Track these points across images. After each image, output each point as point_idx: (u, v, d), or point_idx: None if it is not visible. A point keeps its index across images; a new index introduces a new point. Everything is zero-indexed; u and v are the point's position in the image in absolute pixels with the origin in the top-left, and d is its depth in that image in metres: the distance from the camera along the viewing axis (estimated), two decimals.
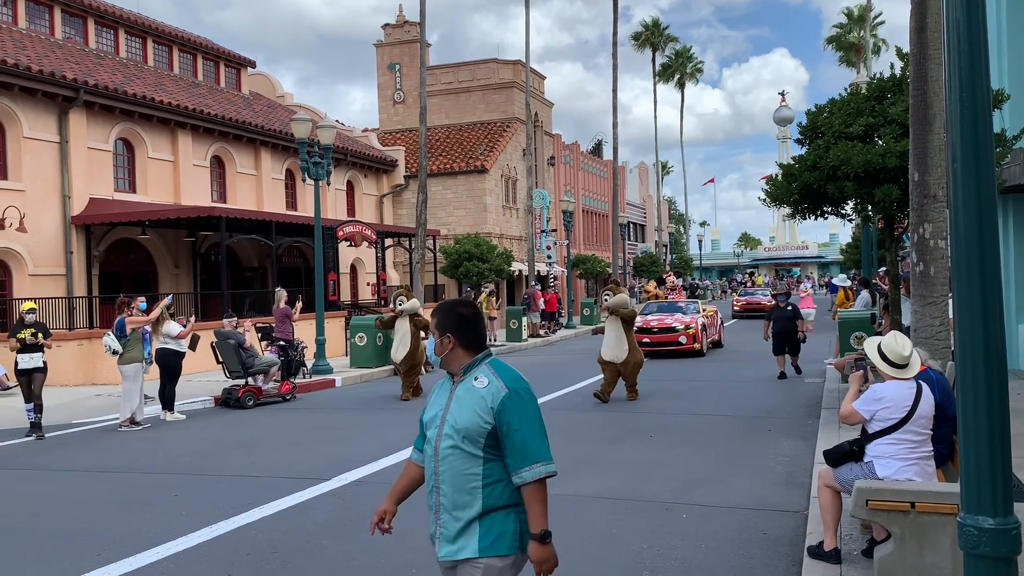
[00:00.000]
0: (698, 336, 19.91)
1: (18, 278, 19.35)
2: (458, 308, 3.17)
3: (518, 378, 3.06)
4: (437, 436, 3.07)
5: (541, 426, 3.01)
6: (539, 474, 2.96)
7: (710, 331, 21.40)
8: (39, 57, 20.34)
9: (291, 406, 13.82)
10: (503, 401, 2.96)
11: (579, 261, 41.30)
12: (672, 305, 23.09)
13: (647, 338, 19.50)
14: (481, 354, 3.12)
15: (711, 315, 22.14)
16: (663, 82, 65.38)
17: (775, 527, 6.16)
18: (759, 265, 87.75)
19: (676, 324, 20.13)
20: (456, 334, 3.11)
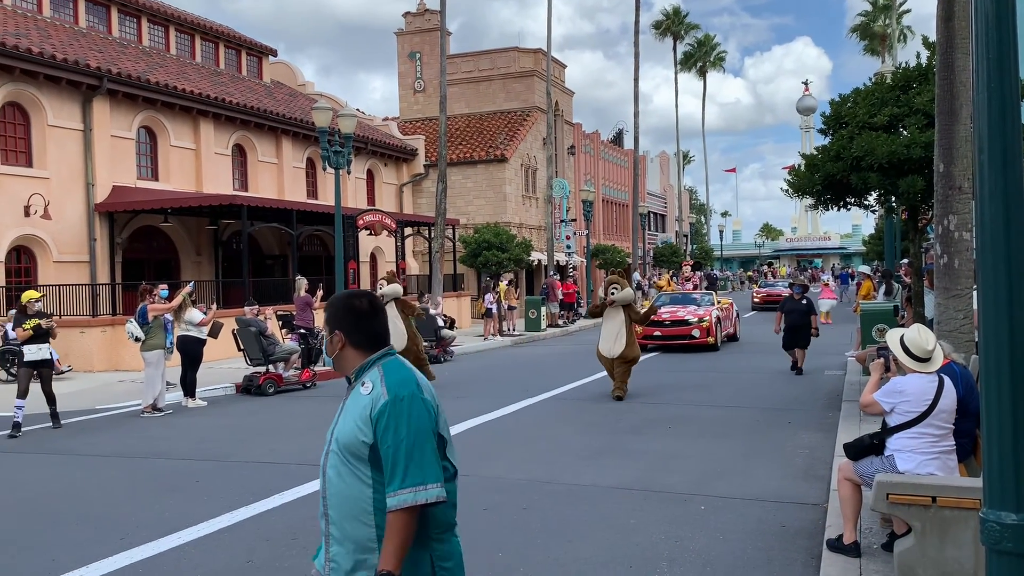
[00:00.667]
0: (712, 329, 19.05)
1: (43, 265, 19.58)
2: (349, 300, 2.71)
3: (406, 382, 2.56)
4: (324, 452, 2.68)
5: (422, 441, 2.48)
6: (403, 502, 2.40)
7: (725, 324, 20.53)
8: (63, 46, 20.50)
9: (311, 394, 13.91)
10: (380, 409, 2.49)
11: (598, 251, 41.20)
12: (685, 297, 22.38)
13: (658, 331, 18.86)
14: (375, 354, 2.66)
15: (726, 307, 21.30)
16: (684, 71, 64.97)
17: (794, 519, 6.14)
18: (780, 256, 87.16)
19: (689, 317, 19.25)
20: (345, 331, 2.66)
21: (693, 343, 18.82)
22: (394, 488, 2.43)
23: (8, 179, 18.72)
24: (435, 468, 2.48)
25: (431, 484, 2.45)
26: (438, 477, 2.48)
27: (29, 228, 19.10)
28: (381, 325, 2.72)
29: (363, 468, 2.51)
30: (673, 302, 21.24)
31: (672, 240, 58.63)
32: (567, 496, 6.91)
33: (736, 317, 22.08)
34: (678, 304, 20.75)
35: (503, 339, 23.70)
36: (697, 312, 19.50)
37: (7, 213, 18.62)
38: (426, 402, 2.57)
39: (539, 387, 13.50)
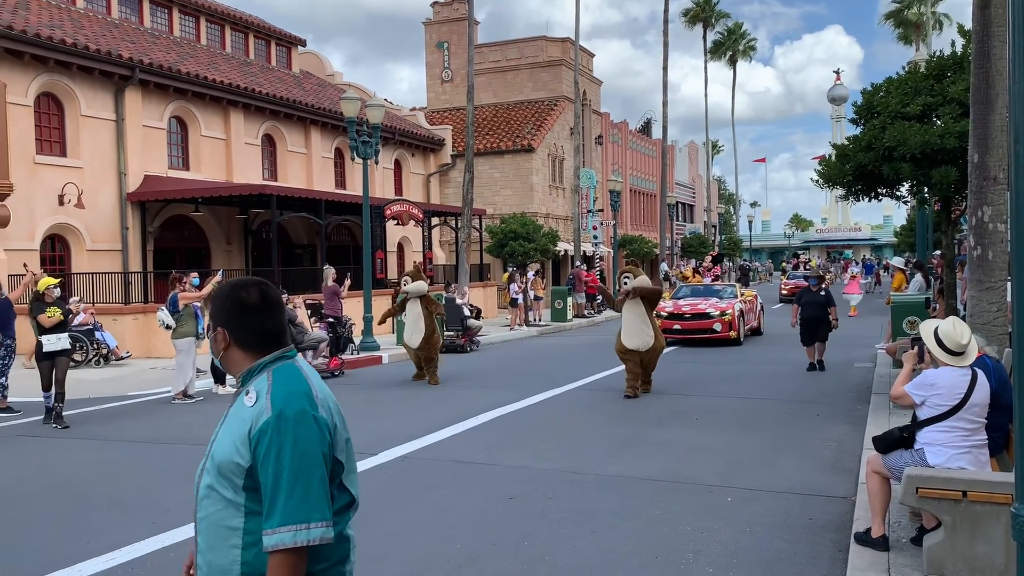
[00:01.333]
0: (735, 323, 18.33)
1: (76, 253, 19.89)
2: (235, 292, 2.28)
3: (295, 396, 2.14)
4: (199, 469, 2.27)
5: (308, 469, 2.07)
6: (281, 542, 2.03)
7: (748, 317, 19.84)
8: (96, 36, 20.75)
9: (339, 382, 14.02)
10: (261, 428, 2.10)
11: (626, 241, 41.04)
12: (707, 289, 21.74)
13: (678, 324, 18.37)
14: (267, 357, 2.24)
15: (750, 300, 20.63)
16: (714, 60, 64.39)
17: (821, 512, 6.10)
18: (810, 247, 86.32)
19: (711, 310, 18.57)
20: (230, 328, 2.26)
21: (714, 337, 18.23)
22: (272, 525, 2.04)
23: (43, 168, 19.02)
24: (322, 503, 2.08)
25: (315, 523, 2.05)
26: (324, 514, 2.08)
27: (63, 217, 19.40)
28: (274, 322, 2.27)
29: (236, 493, 2.12)
30: (695, 294, 20.69)
31: (700, 231, 58.25)
32: (593, 486, 6.92)
33: (760, 310, 21.44)
34: (700, 296, 20.23)
35: (529, 329, 23.72)
36: (719, 305, 18.85)
37: (42, 202, 18.93)
38: (319, 421, 2.14)
39: (565, 377, 13.50)
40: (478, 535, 5.70)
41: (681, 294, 20.98)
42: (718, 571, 4.98)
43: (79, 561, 5.27)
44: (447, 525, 5.92)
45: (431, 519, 6.09)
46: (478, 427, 9.61)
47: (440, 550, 5.42)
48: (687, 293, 20.99)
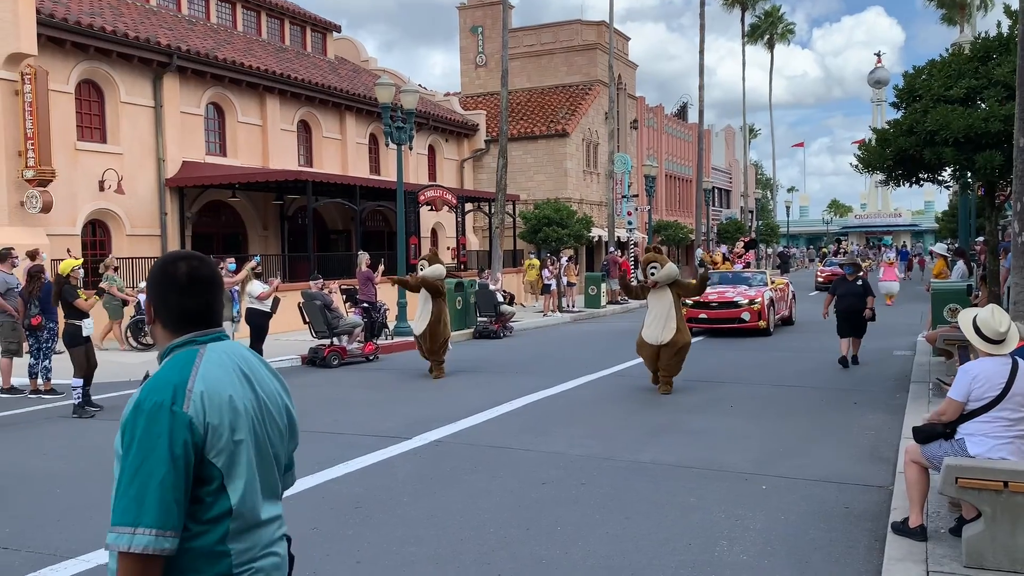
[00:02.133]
0: (764, 312, 17.42)
1: (116, 238, 20.23)
2: (163, 266, 2.12)
3: (164, 386, 1.95)
4: None
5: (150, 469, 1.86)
6: (112, 543, 1.84)
7: (779, 306, 18.94)
8: (135, 24, 21.00)
9: (374, 366, 14.14)
10: (123, 418, 1.96)
11: (660, 227, 40.77)
12: (736, 276, 20.60)
13: (704, 313, 17.44)
14: (180, 339, 2.07)
15: (781, 288, 19.66)
16: (751, 43, 63.48)
17: (858, 501, 6.04)
18: (848, 233, 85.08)
19: (739, 298, 17.62)
20: (155, 303, 2.11)
21: (743, 327, 17.37)
22: (112, 522, 1.87)
23: (84, 155, 19.33)
24: (158, 507, 1.84)
25: (143, 528, 1.82)
26: (158, 521, 1.83)
27: (104, 203, 19.72)
28: (196, 301, 2.09)
29: None
30: (723, 282, 19.67)
31: (737, 216, 57.65)
32: (626, 473, 6.91)
33: (792, 298, 20.55)
34: (728, 284, 19.28)
35: (562, 315, 23.69)
36: (748, 293, 17.90)
37: (83, 188, 19.25)
38: (177, 417, 1.90)
39: (598, 364, 13.47)
40: (511, 520, 5.73)
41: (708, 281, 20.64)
42: (752, 559, 4.96)
43: None
44: (480, 509, 5.96)
45: (465, 503, 6.13)
46: (511, 412, 9.64)
47: (473, 534, 5.45)
48: (715, 281, 19.93)
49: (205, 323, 2.11)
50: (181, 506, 1.88)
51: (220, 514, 1.95)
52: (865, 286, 13.00)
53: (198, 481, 1.93)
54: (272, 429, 2.12)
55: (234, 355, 2.11)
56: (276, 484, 2.14)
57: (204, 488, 1.94)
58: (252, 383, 2.09)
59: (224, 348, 2.10)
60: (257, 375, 2.13)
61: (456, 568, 4.87)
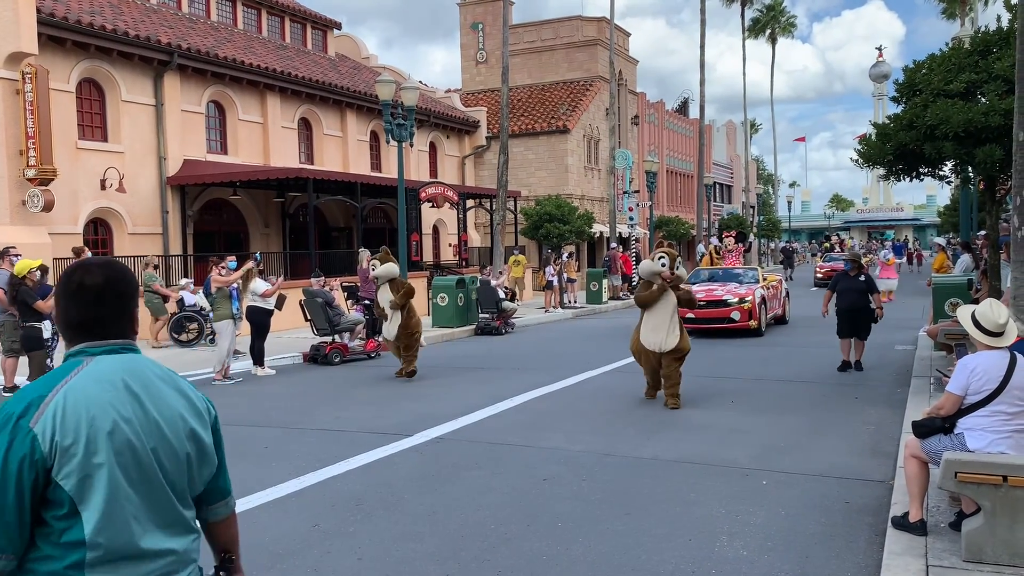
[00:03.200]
0: (755, 311, 16.49)
1: (118, 236, 20.25)
2: (66, 274, 2.05)
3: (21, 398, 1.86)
4: None
5: None
6: None
7: (771, 304, 18.01)
8: (135, 22, 21.01)
9: (375, 363, 14.16)
10: None
11: (662, 223, 40.73)
12: (726, 273, 19.51)
13: (691, 313, 15.46)
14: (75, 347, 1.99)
15: (774, 285, 18.64)
16: (752, 38, 63.36)
17: (858, 496, 6.05)
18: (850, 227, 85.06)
19: (728, 296, 16.67)
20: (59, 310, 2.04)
21: (732, 327, 16.49)
22: None
23: (86, 153, 19.35)
24: None
25: None
26: None
27: (105, 201, 19.75)
28: (82, 312, 1.98)
29: None
30: (711, 279, 18.71)
31: (739, 211, 57.60)
32: (627, 468, 6.93)
33: (785, 296, 19.65)
34: (717, 282, 18.22)
35: (564, 311, 23.70)
36: (737, 291, 16.92)
37: (85, 186, 19.28)
38: (19, 432, 1.79)
39: (599, 359, 13.48)
40: (512, 516, 5.75)
41: (697, 279, 18.95)
42: (752, 554, 4.97)
43: None
44: (481, 506, 5.97)
45: (466, 499, 6.14)
46: (513, 409, 9.65)
47: (474, 531, 5.47)
48: (703, 277, 19.16)
49: (96, 334, 1.98)
50: (15, 528, 1.76)
51: (72, 542, 1.80)
52: (868, 282, 12.12)
53: (45, 503, 1.80)
54: (166, 453, 1.93)
55: (127, 370, 1.95)
56: (172, 513, 1.95)
57: (52, 511, 1.80)
58: (143, 402, 1.92)
59: (116, 362, 1.95)
60: (154, 394, 1.96)
61: (457, 565, 4.89)
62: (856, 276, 12.09)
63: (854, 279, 12.08)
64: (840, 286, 12.16)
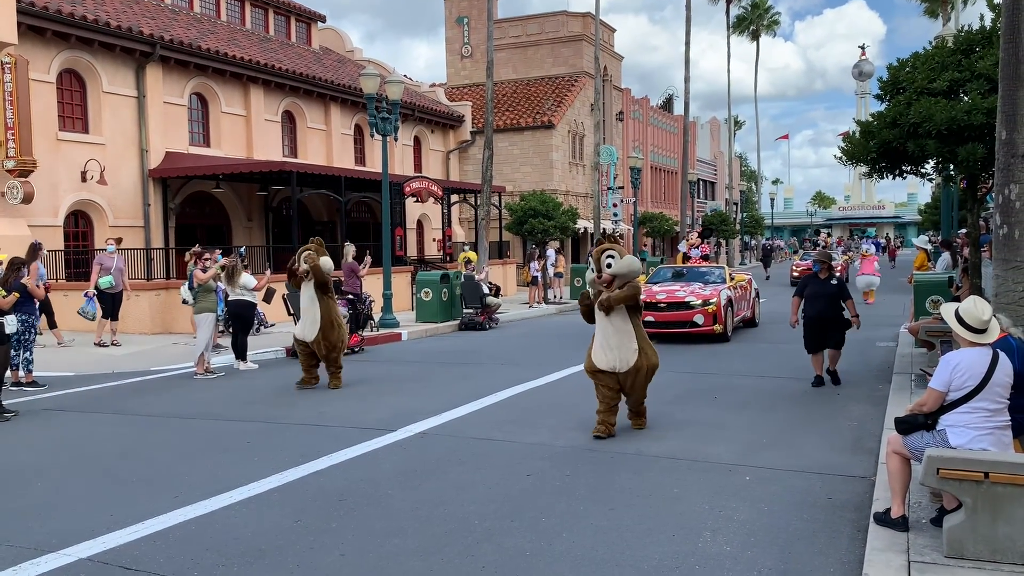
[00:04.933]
0: (720, 314, 15.10)
1: (99, 229, 20.05)
2: None
3: None
4: None
5: None
6: None
7: (739, 306, 16.63)
8: (117, 13, 20.79)
9: (359, 358, 14.10)
10: None
11: (646, 219, 40.81)
12: (691, 272, 17.87)
13: (651, 315, 14.89)
14: None
15: (742, 286, 17.23)
16: (736, 35, 63.52)
17: (841, 492, 6.08)
18: (832, 225, 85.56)
19: (691, 298, 15.25)
20: None
21: (695, 332, 15.08)
22: None
23: (66, 145, 19.15)
24: None
25: None
26: None
27: (86, 193, 19.55)
28: None
29: None
30: (675, 278, 17.21)
31: (722, 208, 57.78)
32: (611, 464, 6.93)
33: (755, 297, 18.27)
34: (680, 282, 16.73)
35: (548, 307, 23.72)
36: (701, 292, 15.50)
37: (65, 178, 19.07)
38: None
39: (583, 355, 13.43)
40: (496, 512, 5.73)
41: (658, 278, 17.58)
42: (736, 549, 4.98)
43: (103, 533, 5.36)
44: (465, 501, 5.95)
45: (449, 495, 6.12)
46: (497, 404, 9.64)
47: (458, 526, 5.45)
48: (665, 277, 17.66)
49: None
50: None
51: None
52: (840, 286, 10.55)
53: None
54: None
55: None
56: None
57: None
58: None
59: None
60: None
61: (441, 560, 4.87)
62: (827, 279, 10.55)
63: (824, 283, 10.53)
64: (808, 291, 10.56)
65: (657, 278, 17.52)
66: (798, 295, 10.81)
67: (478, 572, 4.70)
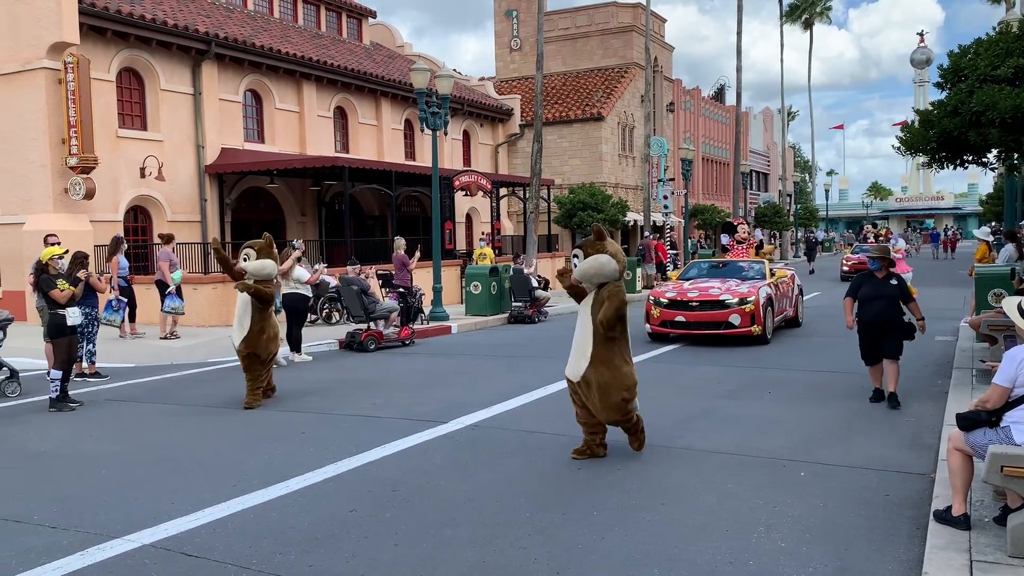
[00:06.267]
0: (758, 314, 13.69)
1: (158, 224, 20.54)
2: None
3: None
4: None
5: None
6: None
7: (780, 305, 15.12)
8: (174, 11, 21.23)
9: (410, 351, 14.23)
10: None
11: (697, 211, 40.41)
12: (729, 267, 16.14)
13: (681, 315, 13.92)
14: None
15: (784, 282, 15.71)
16: (789, 23, 62.36)
17: (899, 489, 5.96)
18: (889, 216, 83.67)
19: (726, 296, 13.88)
20: None
21: (731, 334, 13.74)
22: None
23: (126, 142, 19.63)
24: None
25: None
26: None
27: (145, 189, 20.03)
28: None
29: None
30: (711, 274, 15.92)
31: (775, 199, 56.91)
32: (663, 459, 6.89)
33: (797, 295, 16.67)
34: (714, 278, 15.38)
35: None
36: (738, 290, 14.08)
37: (125, 174, 19.57)
38: None
39: (633, 349, 13.37)
40: (547, 504, 5.75)
41: (691, 273, 16.31)
42: (791, 545, 4.92)
43: (165, 520, 5.50)
44: (516, 493, 5.98)
45: (501, 487, 6.16)
46: (546, 397, 9.65)
47: (510, 517, 5.48)
48: (699, 272, 16.30)
49: None
50: None
51: None
52: (899, 287, 9.03)
53: None
54: None
55: None
56: None
57: None
58: None
59: None
60: None
61: (493, 552, 4.90)
62: (885, 279, 9.08)
63: (882, 283, 9.04)
64: (863, 291, 9.13)
65: (690, 273, 16.31)
66: (851, 296, 9.42)
67: (530, 564, 4.72)
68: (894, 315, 8.90)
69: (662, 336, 14.39)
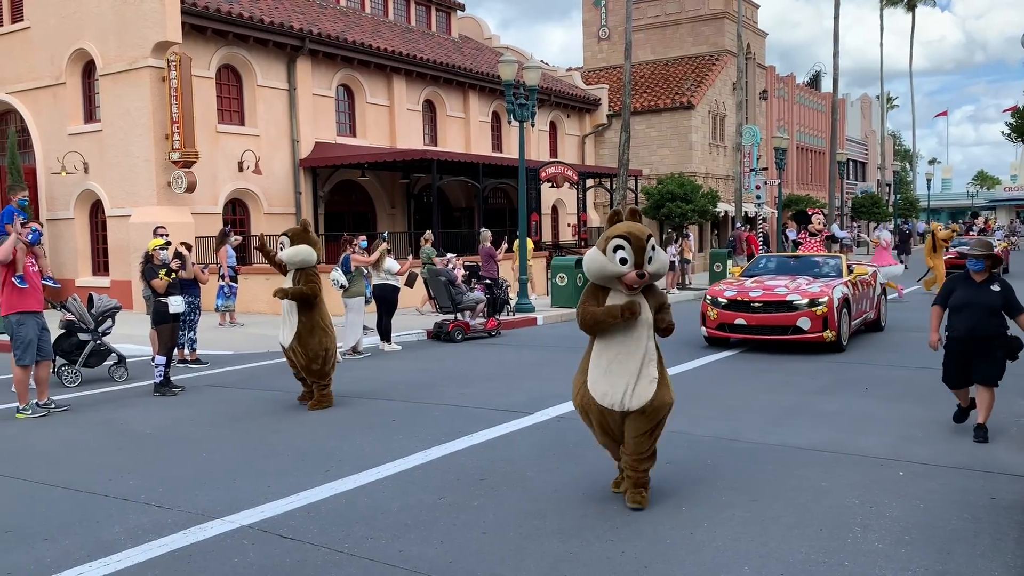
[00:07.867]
0: (831, 317, 11.93)
1: (255, 216, 21.23)
2: None
3: None
4: None
5: None
6: None
7: (858, 307, 13.23)
8: (270, 9, 21.86)
9: (496, 342, 14.32)
10: None
11: (791, 201, 39.32)
12: (800, 262, 14.37)
13: (742, 318, 12.38)
14: None
15: (863, 280, 13.79)
16: (889, 6, 59.97)
17: (1006, 492, 5.69)
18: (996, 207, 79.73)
19: (794, 297, 12.14)
20: None
21: (799, 339, 12.12)
22: None
23: (225, 137, 20.34)
24: None
25: None
26: None
27: (243, 182, 20.72)
28: None
29: None
30: (779, 270, 14.15)
31: (873, 189, 54.94)
32: (753, 455, 6.75)
33: (880, 294, 14.84)
34: (782, 275, 13.67)
35: (685, 292, 23.30)
36: (808, 289, 12.33)
37: (224, 168, 20.28)
38: None
39: (722, 342, 13.16)
40: None
41: (755, 270, 14.55)
42: (888, 547, 4.76)
43: (262, 503, 5.69)
44: (603, 487, 5.95)
45: (587, 479, 6.14)
46: None
47: (596, 509, 5.46)
48: (765, 268, 14.49)
49: None
50: None
51: None
52: (1005, 294, 7.17)
53: None
54: None
55: None
56: None
57: None
58: None
59: None
60: None
61: (580, 543, 4.90)
62: (984, 283, 7.25)
63: (980, 288, 7.24)
64: (955, 298, 7.35)
65: (754, 270, 14.52)
66: (939, 303, 7.61)
67: (618, 557, 4.69)
68: (994, 329, 7.14)
69: (721, 341, 12.91)
